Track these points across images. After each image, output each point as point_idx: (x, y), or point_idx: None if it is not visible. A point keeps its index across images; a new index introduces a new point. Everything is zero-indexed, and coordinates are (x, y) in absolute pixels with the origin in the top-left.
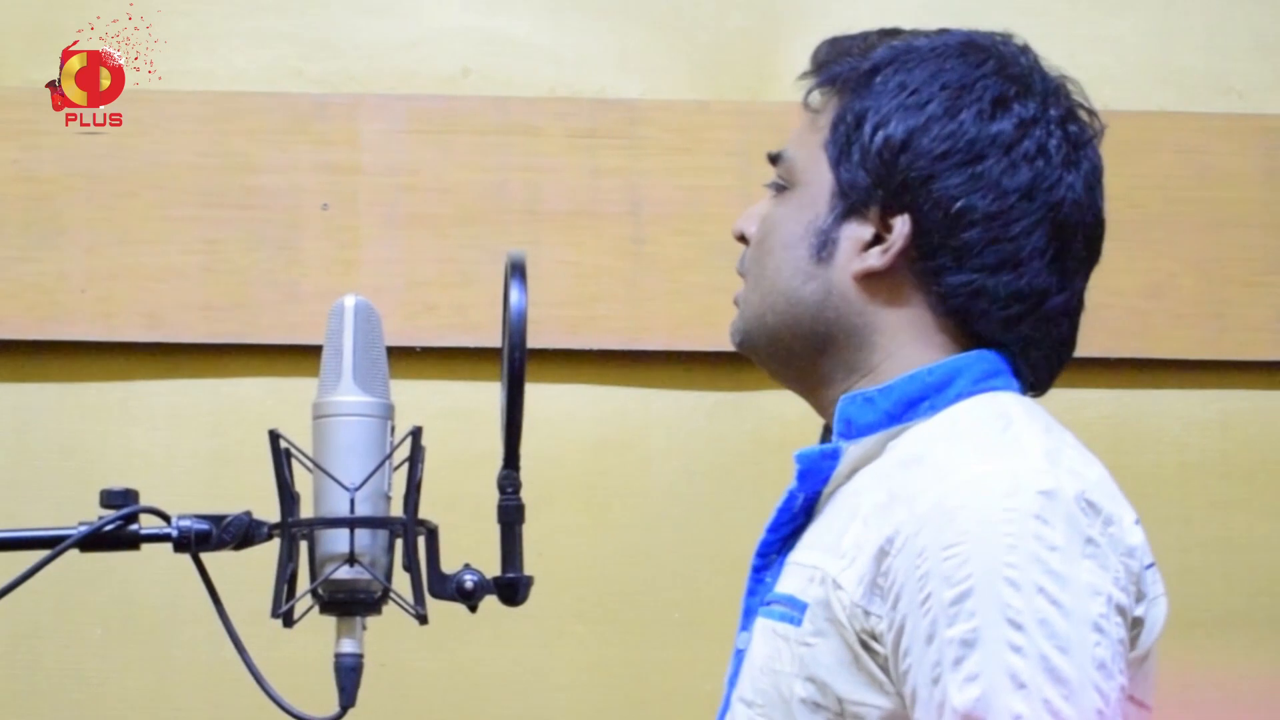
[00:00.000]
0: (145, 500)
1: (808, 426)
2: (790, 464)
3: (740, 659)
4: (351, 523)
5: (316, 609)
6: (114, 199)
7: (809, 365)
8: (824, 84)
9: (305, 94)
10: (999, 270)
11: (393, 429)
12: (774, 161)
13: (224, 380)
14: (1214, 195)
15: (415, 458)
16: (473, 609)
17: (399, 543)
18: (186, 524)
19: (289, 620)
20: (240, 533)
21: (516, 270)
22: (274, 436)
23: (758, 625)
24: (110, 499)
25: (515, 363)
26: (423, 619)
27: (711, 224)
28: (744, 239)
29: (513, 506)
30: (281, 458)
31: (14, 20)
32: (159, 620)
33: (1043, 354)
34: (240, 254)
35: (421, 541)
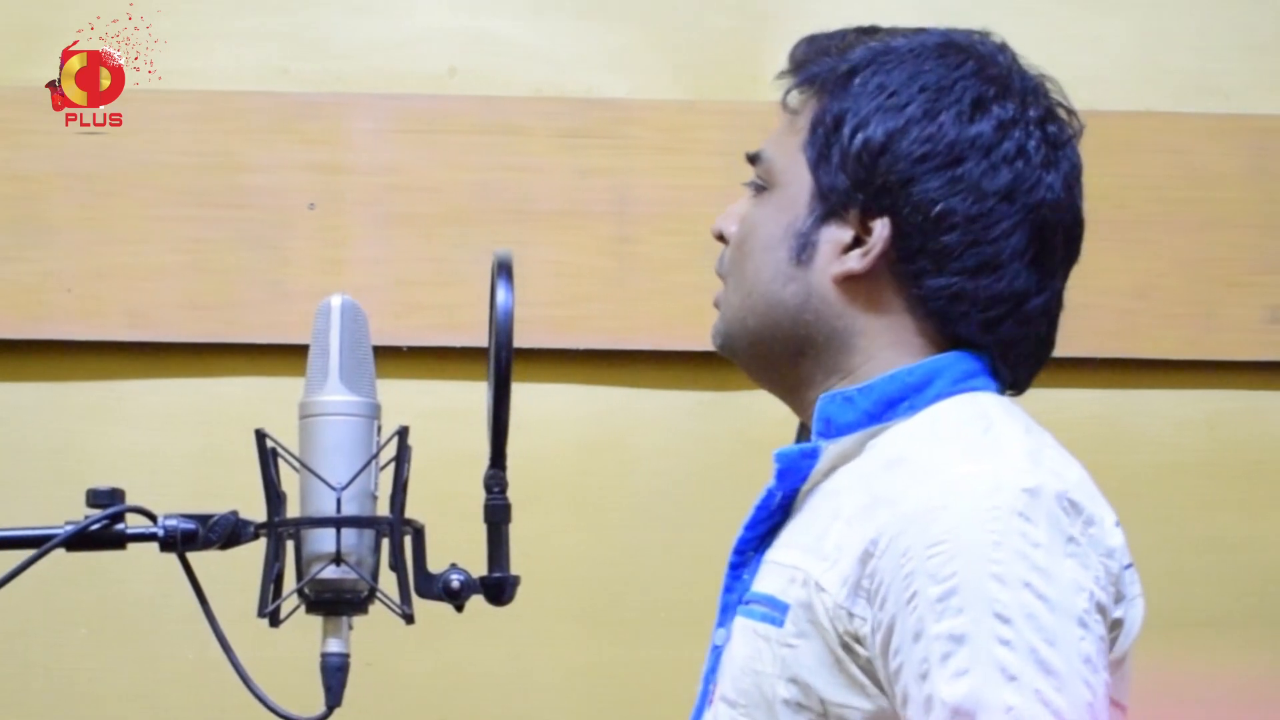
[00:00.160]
0: (131, 499)
1: (794, 426)
2: None
3: (718, 655)
4: (338, 522)
5: (303, 608)
6: (100, 198)
7: (789, 367)
8: (802, 84)
9: (292, 93)
10: (979, 273)
11: (379, 428)
12: (753, 161)
13: (210, 379)
14: (1202, 195)
15: (402, 457)
16: (459, 609)
17: (385, 542)
18: (173, 523)
19: (275, 620)
20: (226, 532)
21: (503, 270)
22: (260, 436)
23: (737, 624)
24: (96, 498)
25: (502, 362)
26: (409, 618)
27: (699, 224)
28: (723, 238)
29: (499, 506)
30: (268, 457)
31: (0, 19)
32: (145, 620)
33: (1022, 354)
34: (227, 253)
35: (408, 541)
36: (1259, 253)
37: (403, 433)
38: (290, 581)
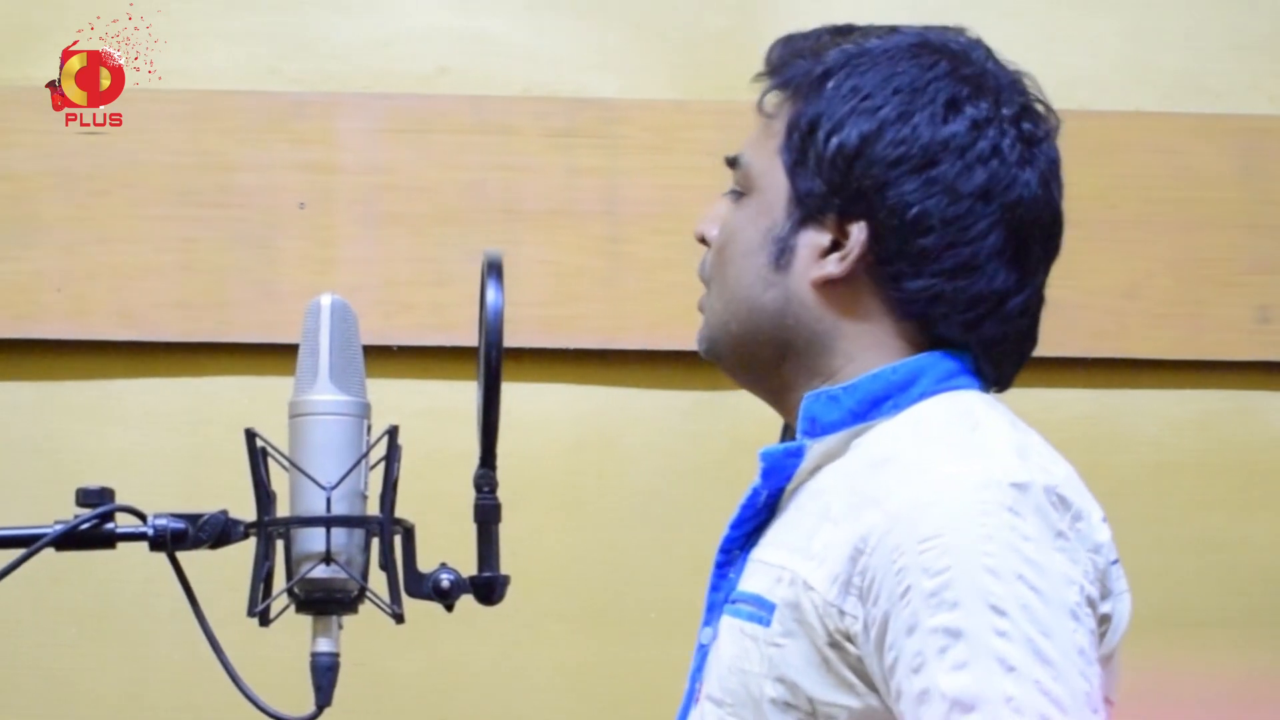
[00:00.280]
0: (121, 499)
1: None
2: None
3: (704, 654)
4: (328, 522)
5: (293, 608)
6: (90, 197)
7: (772, 371)
8: (777, 87)
9: (282, 93)
10: (957, 275)
11: (369, 428)
12: (732, 165)
13: (200, 379)
14: (1191, 195)
15: (391, 457)
16: (449, 608)
17: (375, 542)
18: (162, 523)
19: (265, 619)
20: (216, 531)
21: (493, 269)
22: (250, 435)
23: (724, 623)
24: (86, 498)
25: (492, 362)
26: (399, 618)
27: (689, 224)
28: (705, 241)
29: (489, 506)
30: (258, 456)
31: None
32: (135, 619)
33: (1005, 352)
34: (217, 253)
35: (398, 540)
36: (1249, 253)
37: (393, 432)
38: (280, 581)
